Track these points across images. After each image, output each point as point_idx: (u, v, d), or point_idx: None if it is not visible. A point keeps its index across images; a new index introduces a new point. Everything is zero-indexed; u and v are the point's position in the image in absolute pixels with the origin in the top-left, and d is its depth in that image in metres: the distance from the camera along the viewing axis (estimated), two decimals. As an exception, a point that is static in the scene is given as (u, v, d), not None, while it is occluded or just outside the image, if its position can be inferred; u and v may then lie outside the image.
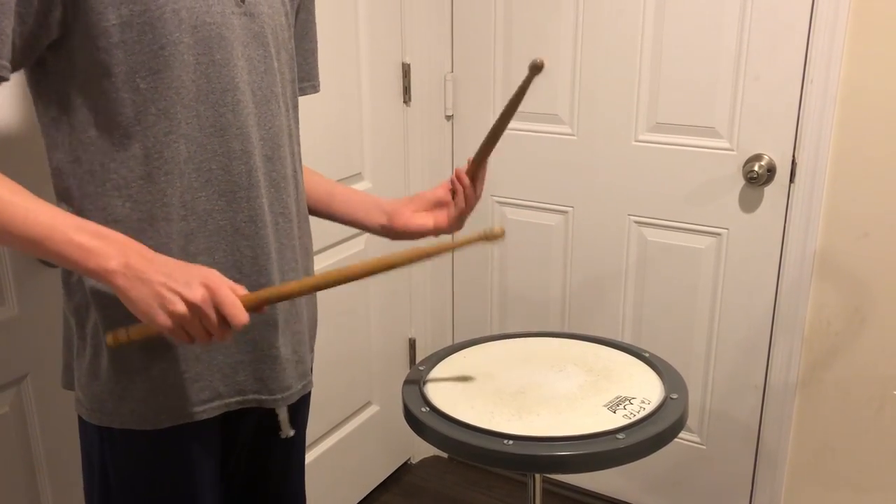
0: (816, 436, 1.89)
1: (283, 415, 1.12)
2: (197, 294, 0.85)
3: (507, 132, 1.12)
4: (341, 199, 1.25)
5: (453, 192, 1.19)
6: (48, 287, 1.30)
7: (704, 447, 2.05)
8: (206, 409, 1.03)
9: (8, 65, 0.86)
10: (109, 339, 0.92)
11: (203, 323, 0.87)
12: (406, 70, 2.10)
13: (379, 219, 1.22)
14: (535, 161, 2.09)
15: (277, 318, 1.06)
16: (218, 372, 1.03)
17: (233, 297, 0.87)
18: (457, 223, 1.20)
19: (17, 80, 0.94)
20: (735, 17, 1.76)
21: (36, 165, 1.08)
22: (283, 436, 1.13)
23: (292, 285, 0.98)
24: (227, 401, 1.05)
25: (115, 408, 1.00)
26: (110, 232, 0.88)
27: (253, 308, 0.91)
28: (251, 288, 0.96)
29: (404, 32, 2.07)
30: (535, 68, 1.02)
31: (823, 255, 1.79)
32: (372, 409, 2.21)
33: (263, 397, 1.07)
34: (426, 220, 1.20)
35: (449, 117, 2.20)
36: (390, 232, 1.22)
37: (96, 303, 0.97)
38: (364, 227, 1.25)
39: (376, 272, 0.98)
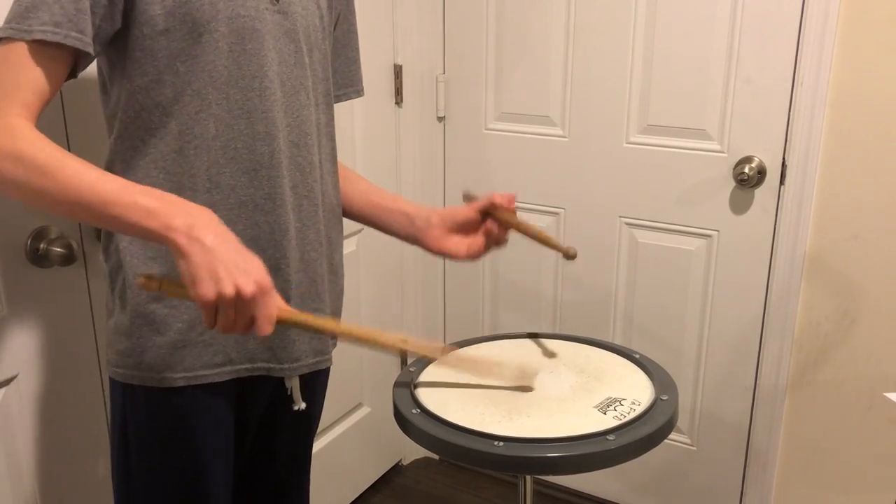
0: (807, 437, 1.90)
1: (295, 385, 1.17)
2: (249, 289, 0.88)
3: (497, 133, 1.14)
4: (376, 205, 1.31)
5: (484, 215, 1.23)
6: (37, 288, 1.30)
7: (695, 448, 2.06)
8: (218, 373, 1.09)
9: (91, 41, 0.94)
10: (141, 279, 0.94)
11: (236, 314, 0.89)
12: (398, 71, 2.10)
13: (406, 229, 1.27)
14: (527, 163, 2.09)
15: (290, 295, 1.11)
16: (231, 338, 1.09)
17: (273, 308, 0.91)
18: (483, 253, 1.25)
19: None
20: (726, 20, 1.77)
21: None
22: (296, 408, 1.18)
23: (326, 323, 1.04)
24: (237, 367, 1.11)
25: (136, 364, 1.06)
26: (180, 199, 0.91)
27: (280, 323, 0.94)
28: (266, 261, 1.00)
29: (396, 33, 2.07)
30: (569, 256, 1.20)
31: (813, 256, 1.79)
32: (363, 411, 2.21)
33: (272, 366, 1.13)
34: (459, 247, 1.25)
35: (441, 118, 2.20)
36: (418, 245, 1.27)
37: (126, 263, 1.04)
38: (391, 234, 1.31)
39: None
